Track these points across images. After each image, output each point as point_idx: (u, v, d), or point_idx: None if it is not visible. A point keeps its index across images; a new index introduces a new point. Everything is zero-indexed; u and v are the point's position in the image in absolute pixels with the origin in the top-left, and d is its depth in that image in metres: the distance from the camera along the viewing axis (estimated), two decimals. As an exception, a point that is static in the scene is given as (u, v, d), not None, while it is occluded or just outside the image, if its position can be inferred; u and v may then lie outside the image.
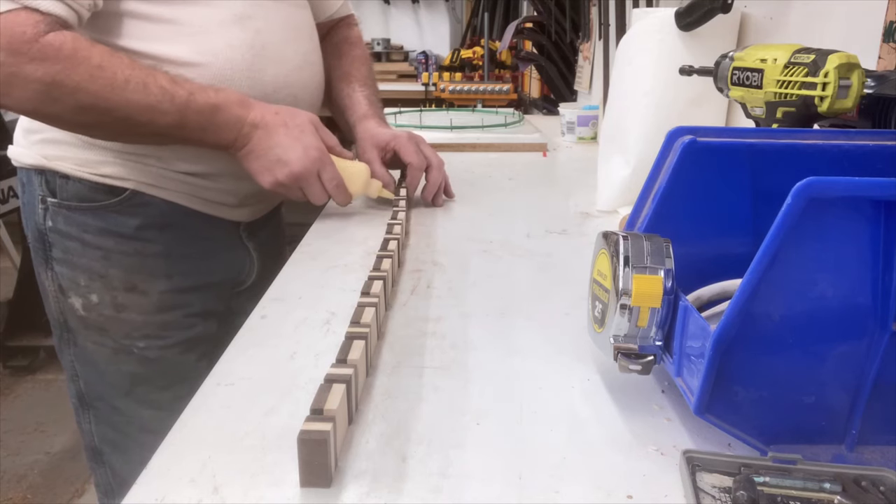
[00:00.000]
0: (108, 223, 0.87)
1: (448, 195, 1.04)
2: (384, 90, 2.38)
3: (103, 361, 0.91)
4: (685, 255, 0.47)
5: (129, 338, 0.90)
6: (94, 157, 0.85)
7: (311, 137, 0.83)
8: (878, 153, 0.51)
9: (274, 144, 0.80)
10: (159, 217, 0.88)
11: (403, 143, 0.97)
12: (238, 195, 0.93)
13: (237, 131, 0.80)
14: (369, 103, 1.05)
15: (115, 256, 0.87)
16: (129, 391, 0.92)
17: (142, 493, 0.41)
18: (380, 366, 0.55)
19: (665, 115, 0.96)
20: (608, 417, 0.49)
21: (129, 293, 0.88)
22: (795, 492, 0.39)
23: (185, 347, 0.93)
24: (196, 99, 0.76)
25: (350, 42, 1.12)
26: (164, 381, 0.91)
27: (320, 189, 0.84)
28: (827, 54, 0.59)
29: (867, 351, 0.40)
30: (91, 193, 0.86)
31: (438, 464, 0.43)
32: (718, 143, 0.53)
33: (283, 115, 0.82)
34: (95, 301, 0.88)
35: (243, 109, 0.80)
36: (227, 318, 0.97)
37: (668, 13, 0.98)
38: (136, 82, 0.73)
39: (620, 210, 0.99)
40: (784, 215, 0.38)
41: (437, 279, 0.73)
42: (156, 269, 0.89)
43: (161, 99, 0.74)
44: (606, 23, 1.66)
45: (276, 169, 0.81)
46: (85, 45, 0.72)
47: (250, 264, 1.01)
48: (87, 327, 0.90)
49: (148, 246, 0.88)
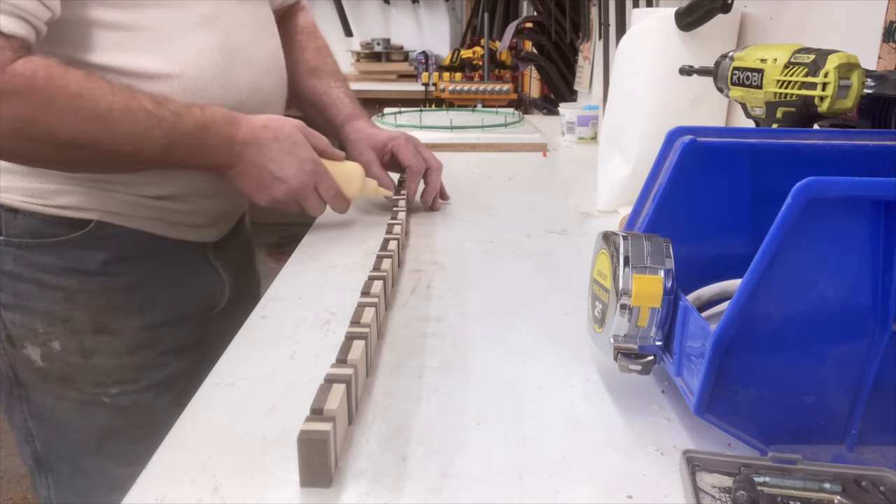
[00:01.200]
0: (68, 260, 0.77)
1: (443, 197, 1.01)
2: (384, 90, 2.39)
3: (66, 417, 0.81)
4: (685, 255, 0.47)
5: (100, 385, 0.81)
6: (47, 186, 0.75)
7: (303, 150, 0.78)
8: (878, 153, 0.51)
9: (267, 161, 0.76)
10: (128, 248, 0.80)
11: (401, 145, 0.95)
12: (209, 215, 0.87)
13: (228, 151, 0.74)
14: (351, 102, 1.01)
15: (80, 296, 0.78)
16: (97, 448, 0.83)
17: (142, 493, 0.41)
18: (380, 366, 0.55)
19: (665, 115, 0.96)
20: (608, 417, 0.49)
21: (98, 335, 0.80)
22: (795, 492, 0.39)
23: (159, 390, 0.85)
24: (184, 120, 0.70)
25: (307, 31, 1.06)
26: (138, 432, 0.81)
27: (318, 201, 0.80)
28: (827, 54, 0.59)
29: (867, 351, 0.40)
30: (46, 228, 0.76)
31: (438, 464, 0.43)
32: (718, 143, 0.53)
33: (271, 128, 0.76)
34: (58, 349, 0.78)
35: (232, 127, 0.74)
36: (199, 351, 0.88)
37: (668, 13, 0.98)
38: (121, 109, 0.66)
39: (620, 210, 0.99)
40: (784, 215, 0.38)
41: (437, 279, 0.73)
42: (127, 305, 0.81)
43: (148, 125, 0.67)
44: (606, 23, 1.66)
45: (272, 187, 0.77)
46: (59, 72, 0.63)
47: (221, 286, 0.93)
48: (46, 380, 0.80)
49: (117, 280, 0.80)
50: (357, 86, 3.74)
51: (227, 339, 0.60)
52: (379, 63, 3.86)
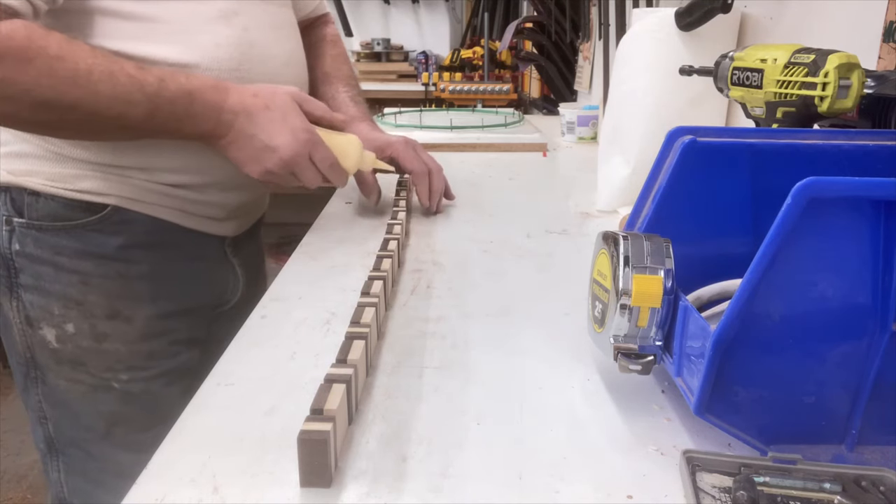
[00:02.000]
0: (86, 244, 0.79)
1: (448, 197, 1.01)
2: (384, 90, 2.38)
3: (78, 401, 0.82)
4: (685, 255, 0.47)
5: (111, 371, 0.82)
6: (69, 171, 0.77)
7: (296, 118, 0.76)
8: (878, 153, 0.51)
9: (258, 130, 0.74)
10: (144, 235, 0.81)
11: (401, 149, 0.94)
12: (226, 208, 0.87)
13: (215, 119, 0.73)
14: (356, 105, 1.01)
15: (95, 280, 0.79)
16: (106, 433, 0.83)
17: (142, 493, 0.41)
18: (380, 366, 0.55)
19: (665, 115, 0.96)
20: (608, 417, 0.49)
21: (111, 321, 0.80)
22: (795, 492, 0.39)
23: (169, 379, 0.86)
24: (168, 86, 0.69)
25: (328, 40, 1.08)
26: (146, 420, 0.83)
27: (314, 172, 0.78)
28: (827, 54, 0.59)
29: (867, 351, 0.40)
30: (66, 211, 0.78)
31: (438, 464, 0.43)
32: (718, 143, 0.53)
33: (262, 96, 0.75)
34: (72, 331, 0.80)
35: (220, 94, 0.73)
36: (208, 345, 0.88)
37: (668, 13, 0.98)
38: (101, 71, 0.65)
39: (620, 210, 0.99)
40: (784, 215, 0.38)
41: (437, 279, 0.73)
42: (141, 292, 0.82)
43: (130, 89, 0.67)
44: (606, 23, 1.66)
45: (263, 157, 0.75)
46: (40, 34, 0.64)
47: (234, 282, 0.94)
48: (59, 362, 0.81)
49: (132, 267, 0.81)
50: (357, 86, 3.69)
51: (234, 336, 0.60)
52: (379, 63, 3.85)
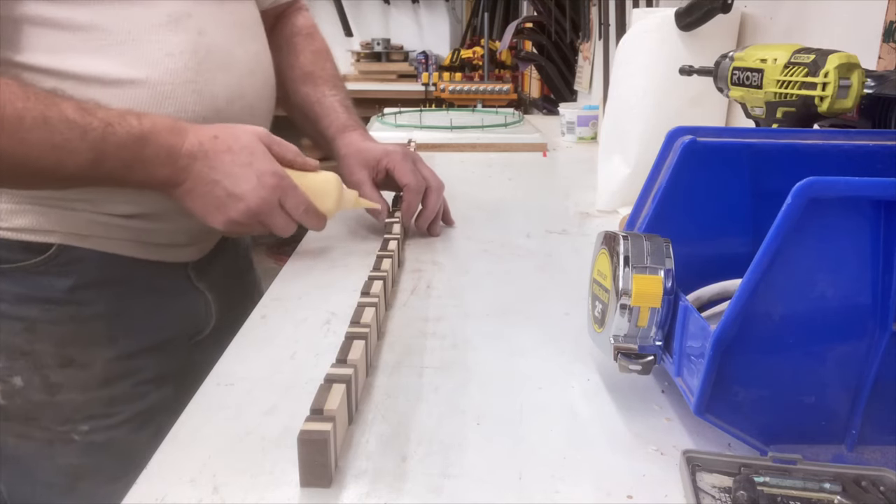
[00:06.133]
0: (30, 288, 0.70)
1: (447, 223, 0.91)
2: (384, 90, 2.39)
3: (31, 457, 0.74)
4: (685, 255, 0.47)
5: (69, 422, 0.73)
6: (3, 205, 0.68)
7: (263, 161, 0.67)
8: (878, 153, 0.51)
9: (220, 176, 0.65)
10: (96, 273, 0.72)
11: (398, 161, 0.83)
12: (189, 233, 0.78)
13: (171, 165, 0.64)
14: (346, 111, 0.90)
15: (43, 327, 0.70)
16: (70, 489, 0.75)
17: (142, 493, 0.41)
18: (380, 366, 0.55)
19: (665, 115, 0.96)
20: (608, 417, 0.49)
21: (64, 369, 0.72)
22: (795, 492, 0.39)
23: (137, 424, 0.76)
24: (115, 130, 0.61)
25: (304, 34, 0.95)
26: (116, 469, 0.72)
27: (285, 220, 0.69)
28: (827, 54, 0.59)
29: (867, 351, 0.40)
30: (3, 253, 0.69)
31: (438, 464, 0.43)
32: (718, 143, 0.53)
33: (223, 137, 0.66)
34: (20, 385, 0.71)
35: (176, 137, 0.64)
36: (185, 377, 0.75)
37: (668, 13, 0.98)
38: (33, 118, 0.57)
39: (620, 210, 0.99)
40: (784, 215, 0.38)
41: (437, 279, 0.73)
42: (97, 334, 0.73)
43: (69, 136, 0.59)
44: (606, 23, 1.67)
45: (227, 206, 0.66)
46: None
47: (206, 309, 0.84)
48: (7, 418, 0.72)
49: (84, 309, 0.72)
50: (357, 86, 3.71)
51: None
52: (379, 63, 3.86)
